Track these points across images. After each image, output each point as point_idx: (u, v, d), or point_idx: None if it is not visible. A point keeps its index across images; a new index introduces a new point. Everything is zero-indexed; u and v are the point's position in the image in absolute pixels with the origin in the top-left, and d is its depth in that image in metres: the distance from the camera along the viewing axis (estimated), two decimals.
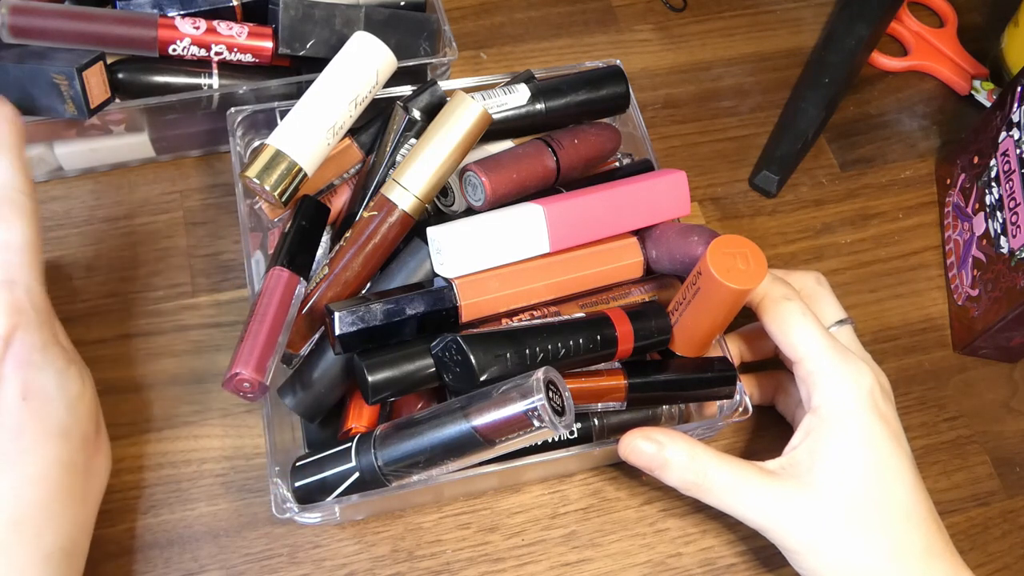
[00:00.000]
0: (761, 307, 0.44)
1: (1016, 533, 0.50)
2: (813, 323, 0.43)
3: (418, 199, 0.43)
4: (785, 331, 0.43)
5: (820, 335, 0.42)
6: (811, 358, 0.42)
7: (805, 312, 0.43)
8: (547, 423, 0.36)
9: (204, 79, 0.52)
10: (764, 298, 0.44)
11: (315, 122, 0.45)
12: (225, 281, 0.52)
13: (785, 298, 0.43)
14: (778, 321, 0.43)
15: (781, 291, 0.44)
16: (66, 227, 0.53)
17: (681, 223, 0.47)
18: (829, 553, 0.40)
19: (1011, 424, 0.53)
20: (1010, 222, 0.50)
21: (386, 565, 0.45)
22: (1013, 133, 0.51)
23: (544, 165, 0.46)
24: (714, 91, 0.64)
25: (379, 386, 0.40)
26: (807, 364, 0.42)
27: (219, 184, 0.55)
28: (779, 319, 0.43)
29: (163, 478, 0.46)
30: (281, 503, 0.40)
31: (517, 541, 0.46)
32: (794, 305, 0.43)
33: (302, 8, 0.51)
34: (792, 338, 0.43)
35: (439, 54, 0.55)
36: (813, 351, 0.42)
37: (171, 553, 0.44)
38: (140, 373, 0.49)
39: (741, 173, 0.60)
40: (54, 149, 0.52)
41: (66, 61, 0.47)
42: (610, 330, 0.42)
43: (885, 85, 0.65)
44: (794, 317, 0.43)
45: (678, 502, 0.48)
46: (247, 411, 0.48)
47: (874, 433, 0.41)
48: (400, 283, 0.44)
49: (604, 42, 0.65)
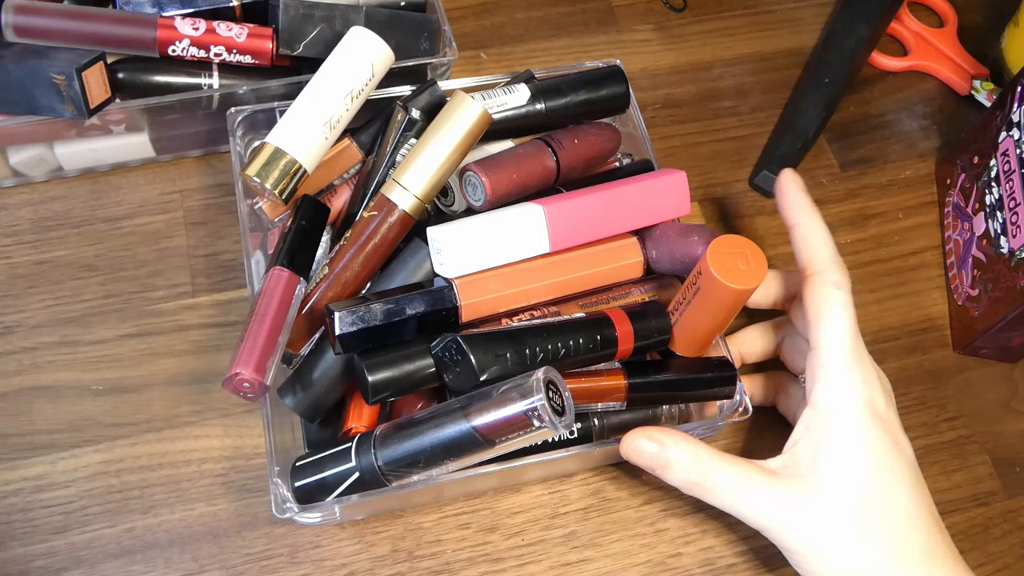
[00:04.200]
0: (809, 281, 0.43)
1: (1016, 533, 0.50)
2: (849, 320, 0.42)
3: (418, 199, 0.43)
4: (820, 314, 0.42)
5: (849, 334, 0.42)
6: (828, 352, 0.42)
7: (847, 306, 0.42)
8: (547, 423, 0.36)
9: (204, 79, 0.52)
10: (817, 274, 0.43)
11: (311, 118, 0.45)
12: (225, 281, 0.52)
13: (835, 285, 0.43)
14: (818, 301, 0.43)
15: (836, 276, 0.43)
16: (66, 227, 0.53)
17: (681, 223, 0.47)
18: (830, 554, 0.40)
19: (1011, 424, 0.53)
20: (1010, 222, 0.50)
21: (386, 565, 0.45)
22: (1013, 133, 0.51)
23: (544, 165, 0.46)
24: (714, 91, 0.64)
25: (379, 386, 0.40)
26: (822, 355, 0.42)
27: (219, 184, 0.55)
28: (820, 300, 0.43)
29: (163, 478, 0.46)
30: (281, 503, 0.40)
31: (517, 541, 0.46)
32: (841, 295, 0.43)
33: (302, 9, 0.51)
34: (822, 324, 0.42)
35: (439, 54, 0.55)
36: (834, 346, 0.42)
37: (171, 553, 0.44)
38: (140, 373, 0.49)
39: (741, 173, 0.60)
40: (54, 149, 0.52)
41: (66, 61, 0.47)
42: (610, 330, 0.42)
43: (885, 85, 0.65)
44: (835, 306, 0.42)
45: (678, 502, 0.48)
46: (247, 411, 0.48)
47: (874, 435, 0.41)
48: (400, 283, 0.44)
49: (604, 42, 0.65)
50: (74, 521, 0.45)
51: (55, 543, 0.44)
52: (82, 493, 0.45)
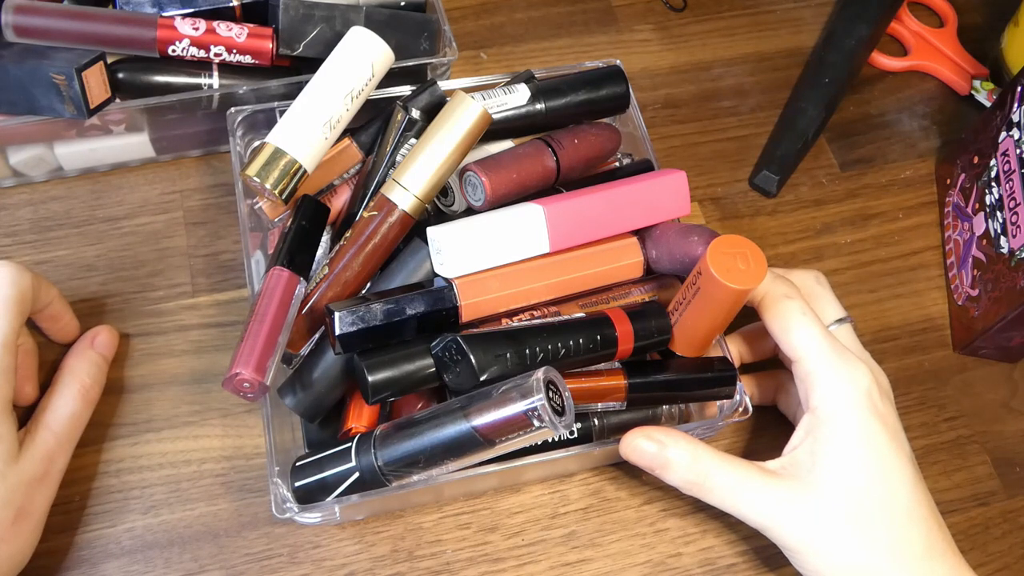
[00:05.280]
0: (762, 305, 0.44)
1: (1016, 533, 0.50)
2: (813, 322, 0.43)
3: (418, 199, 0.43)
4: (785, 329, 0.43)
5: (820, 335, 0.42)
6: (809, 358, 0.42)
7: (805, 311, 0.43)
8: (547, 423, 0.36)
9: (204, 79, 0.52)
10: (765, 296, 0.44)
11: (311, 118, 0.45)
12: (225, 281, 0.52)
13: (786, 296, 0.43)
14: (778, 319, 0.43)
15: (782, 289, 0.44)
16: (66, 227, 0.53)
17: (681, 223, 0.47)
18: (830, 553, 0.40)
19: (1011, 424, 0.53)
20: (1010, 222, 0.50)
21: (386, 565, 0.45)
22: (1013, 133, 0.51)
23: (544, 165, 0.46)
24: (714, 91, 0.64)
25: (379, 386, 0.40)
26: (805, 364, 0.42)
27: (219, 184, 0.55)
28: (779, 317, 0.43)
29: (163, 478, 0.46)
30: (281, 503, 0.40)
31: (517, 541, 0.46)
32: (795, 304, 0.43)
33: (302, 9, 0.51)
34: (792, 337, 0.43)
35: (439, 54, 0.55)
36: (812, 351, 0.42)
37: (171, 553, 0.44)
38: (140, 373, 0.49)
39: (741, 173, 0.60)
40: (54, 149, 0.52)
41: (66, 61, 0.47)
42: (610, 330, 0.42)
43: (885, 85, 0.65)
44: (794, 316, 0.43)
45: (678, 502, 0.48)
46: (247, 411, 0.48)
47: (872, 433, 0.41)
48: (400, 283, 0.44)
49: (604, 42, 0.65)
50: (74, 521, 0.45)
51: (55, 543, 0.44)
52: (82, 493, 0.45)
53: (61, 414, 0.44)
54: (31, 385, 0.45)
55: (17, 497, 0.40)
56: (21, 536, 0.41)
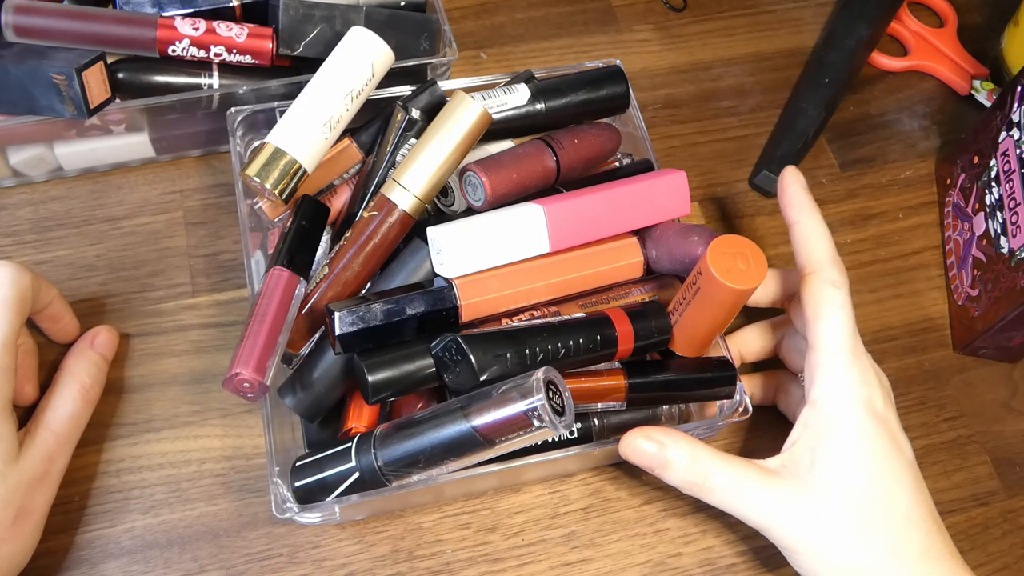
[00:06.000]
0: (806, 280, 0.44)
1: (1016, 533, 0.50)
2: (846, 321, 0.42)
3: (418, 199, 0.43)
4: (817, 315, 0.43)
5: (847, 334, 0.42)
6: (826, 350, 0.42)
7: (844, 305, 0.43)
8: (547, 423, 0.36)
9: (204, 79, 0.52)
10: (815, 273, 0.43)
11: (311, 118, 0.45)
12: (225, 281, 0.52)
13: (833, 284, 0.43)
14: (815, 300, 0.43)
15: (834, 275, 0.43)
16: (66, 227, 0.53)
17: (681, 223, 0.47)
18: (829, 553, 0.40)
19: (1011, 424, 0.53)
20: (1010, 222, 0.50)
21: (386, 565, 0.45)
22: (1013, 133, 0.51)
23: (544, 165, 0.46)
24: (714, 91, 0.64)
25: (379, 386, 0.40)
26: (820, 354, 0.42)
27: (219, 184, 0.55)
28: (818, 299, 0.43)
29: (163, 478, 0.46)
30: (281, 503, 0.40)
31: (517, 541, 0.46)
32: (838, 295, 0.43)
33: (302, 9, 0.51)
34: (819, 324, 0.42)
35: (439, 54, 0.55)
36: (831, 344, 0.42)
37: (171, 553, 0.44)
38: (140, 373, 0.49)
39: (741, 173, 0.60)
40: (54, 149, 0.52)
41: (66, 61, 0.47)
42: (610, 330, 0.42)
43: (885, 85, 0.65)
44: (832, 306, 0.42)
45: (678, 502, 0.48)
46: (247, 411, 0.48)
47: (873, 434, 0.41)
48: (400, 283, 0.44)
49: (604, 42, 0.65)
50: (74, 521, 0.45)
51: (55, 543, 0.44)
52: (82, 493, 0.45)
53: (61, 414, 0.44)
54: (31, 385, 0.45)
55: (17, 497, 0.40)
56: (21, 536, 0.41)
